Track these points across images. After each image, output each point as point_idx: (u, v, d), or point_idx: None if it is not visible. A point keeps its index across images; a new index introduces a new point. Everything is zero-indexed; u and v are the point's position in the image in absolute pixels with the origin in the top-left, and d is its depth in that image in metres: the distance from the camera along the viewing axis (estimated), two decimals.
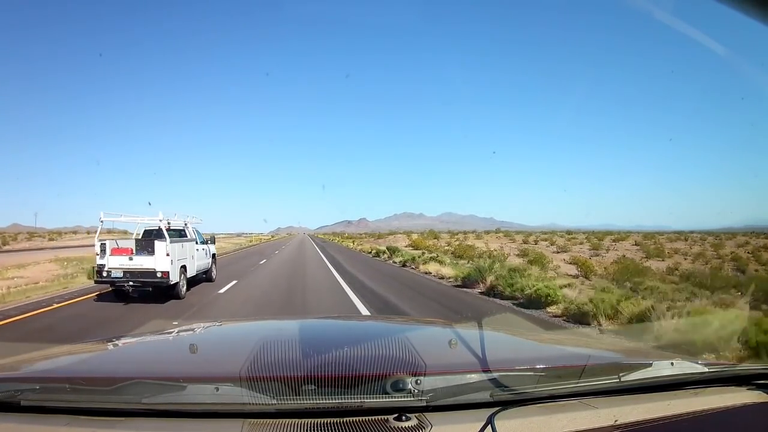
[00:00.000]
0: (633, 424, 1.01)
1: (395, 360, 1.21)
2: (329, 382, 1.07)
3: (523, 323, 4.75)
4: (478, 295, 11.33)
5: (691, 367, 1.23)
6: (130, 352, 1.61)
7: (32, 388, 1.06)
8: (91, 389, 1.06)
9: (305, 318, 3.72)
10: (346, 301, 9.99)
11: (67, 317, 8.34)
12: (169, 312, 8.69)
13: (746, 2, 0.96)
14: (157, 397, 1.00)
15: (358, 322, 2.60)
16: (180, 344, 1.72)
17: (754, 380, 1.25)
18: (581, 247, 42.85)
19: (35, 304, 9.74)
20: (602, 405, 1.07)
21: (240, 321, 3.32)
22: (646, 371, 1.19)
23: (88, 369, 1.35)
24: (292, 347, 1.44)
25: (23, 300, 10.31)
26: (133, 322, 7.21)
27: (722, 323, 5.36)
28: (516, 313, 8.35)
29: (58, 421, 0.98)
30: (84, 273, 14.57)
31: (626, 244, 46.38)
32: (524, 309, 8.92)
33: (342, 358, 1.24)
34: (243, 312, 8.72)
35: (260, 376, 1.04)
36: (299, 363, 1.24)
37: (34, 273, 17.21)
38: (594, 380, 1.13)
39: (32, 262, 21.43)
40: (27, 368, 1.37)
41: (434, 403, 1.01)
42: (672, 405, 1.10)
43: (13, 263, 20.39)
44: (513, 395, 1.06)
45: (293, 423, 0.97)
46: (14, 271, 17.96)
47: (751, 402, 1.16)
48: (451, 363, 1.29)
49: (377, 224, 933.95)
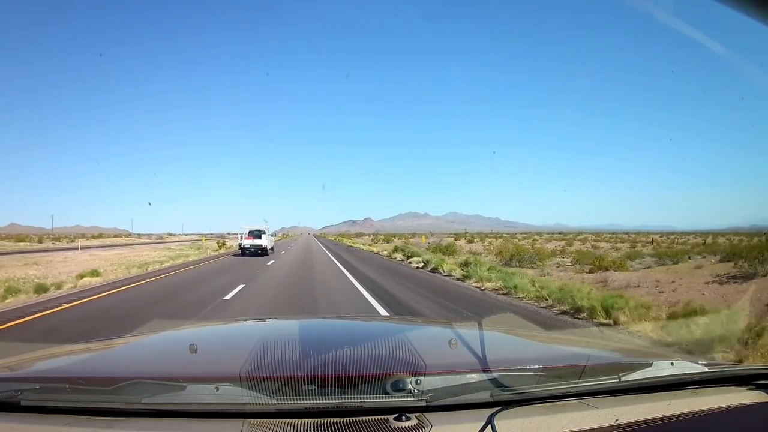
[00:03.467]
0: (633, 424, 1.01)
1: (395, 360, 1.21)
2: (329, 382, 1.07)
3: (523, 323, 4.75)
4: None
5: (692, 367, 1.23)
6: (130, 352, 1.61)
7: (32, 388, 1.06)
8: (91, 389, 1.06)
9: (305, 318, 3.72)
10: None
11: (227, 260, 23.58)
12: (264, 259, 22.45)
13: (746, 2, 0.96)
14: (157, 397, 1.00)
15: (358, 322, 2.60)
16: (180, 344, 1.73)
17: (754, 380, 1.25)
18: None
19: (212, 258, 25.60)
20: (602, 405, 1.07)
21: (240, 321, 3.32)
22: (646, 371, 1.19)
23: (88, 369, 1.35)
24: (292, 347, 1.44)
25: (201, 257, 26.05)
26: (249, 262, 20.55)
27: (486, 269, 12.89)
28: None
29: (58, 421, 0.98)
30: (203, 252, 31.59)
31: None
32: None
33: (342, 358, 1.24)
34: (289, 261, 18.40)
35: (260, 376, 1.04)
36: (299, 363, 1.24)
37: (177, 252, 29.90)
38: (594, 380, 1.13)
39: (163, 248, 37.24)
40: (27, 368, 1.37)
41: (434, 403, 1.01)
42: (672, 405, 1.10)
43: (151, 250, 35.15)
44: (513, 395, 1.06)
45: (293, 423, 0.97)
46: (168, 251, 32.06)
47: (751, 402, 1.16)
48: (451, 363, 1.29)
49: (382, 224, 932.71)
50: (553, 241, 38.86)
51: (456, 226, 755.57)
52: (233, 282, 12.39)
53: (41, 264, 19.86)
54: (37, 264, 19.86)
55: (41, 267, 18.21)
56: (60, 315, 7.96)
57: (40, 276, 13.98)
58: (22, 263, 20.34)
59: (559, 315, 7.86)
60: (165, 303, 9.42)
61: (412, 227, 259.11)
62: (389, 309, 8.28)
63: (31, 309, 8.39)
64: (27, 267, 18.15)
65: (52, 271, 16.29)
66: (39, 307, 8.62)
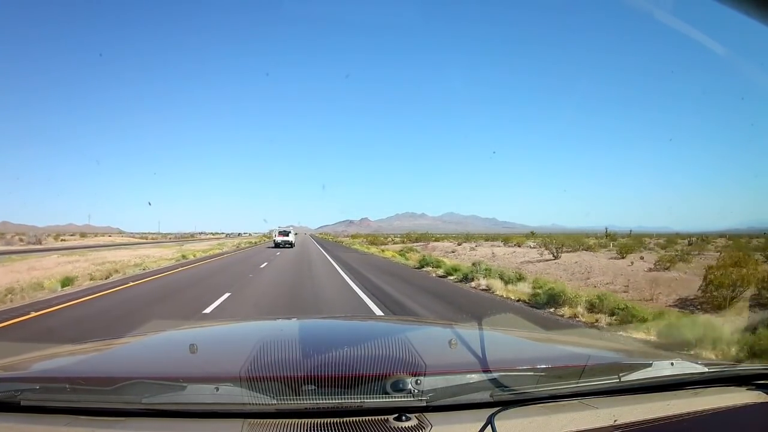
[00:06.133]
0: (633, 424, 1.01)
1: (395, 360, 1.21)
2: (329, 382, 1.07)
3: (523, 323, 4.74)
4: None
5: (691, 367, 1.23)
6: (130, 352, 1.61)
7: (32, 388, 1.06)
8: (91, 389, 1.06)
9: (305, 318, 3.72)
10: None
11: (262, 248, 40.01)
12: (289, 250, 33.41)
13: (746, 2, 0.96)
14: (157, 397, 1.00)
15: (358, 322, 2.60)
16: (180, 344, 1.72)
17: (754, 380, 1.25)
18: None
19: (248, 248, 42.18)
20: (602, 405, 1.07)
21: (240, 321, 3.32)
22: (646, 371, 1.19)
23: (88, 369, 1.35)
24: (292, 347, 1.44)
25: (240, 247, 42.38)
26: (278, 251, 30.87)
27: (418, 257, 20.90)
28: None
29: (58, 421, 0.98)
30: (233, 246, 44.75)
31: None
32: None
33: (342, 358, 1.24)
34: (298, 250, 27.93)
35: (260, 376, 1.04)
36: (299, 363, 1.24)
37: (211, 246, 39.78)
38: (594, 380, 1.13)
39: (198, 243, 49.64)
40: (27, 368, 1.37)
41: (434, 403, 1.01)
42: (672, 405, 1.10)
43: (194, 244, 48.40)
44: (513, 395, 1.06)
45: (293, 423, 0.97)
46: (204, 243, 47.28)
47: (751, 402, 1.16)
48: (451, 363, 1.29)
49: (379, 224, 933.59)
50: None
51: (453, 227, 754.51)
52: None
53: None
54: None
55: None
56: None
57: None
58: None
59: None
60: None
61: (409, 227, 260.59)
62: None
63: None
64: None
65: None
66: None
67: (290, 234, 40.47)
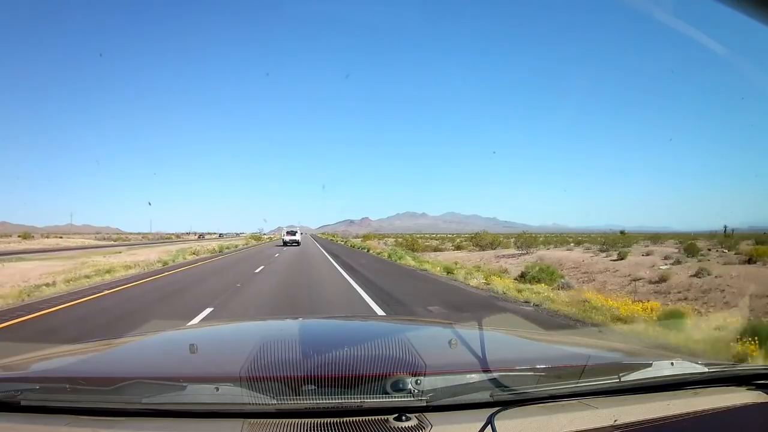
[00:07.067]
0: (633, 424, 1.01)
1: (395, 360, 1.21)
2: (329, 382, 1.07)
3: (523, 323, 4.75)
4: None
5: (691, 367, 1.23)
6: (130, 352, 1.61)
7: (32, 388, 1.06)
8: (91, 389, 1.06)
9: (305, 318, 3.72)
10: None
11: (271, 244, 52.15)
12: (294, 248, 36.86)
13: (746, 2, 0.96)
14: (157, 397, 1.00)
15: (358, 322, 2.60)
16: (180, 344, 1.73)
17: (754, 380, 1.25)
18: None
19: (263, 245, 52.46)
20: (602, 405, 1.07)
21: (240, 321, 3.32)
22: (646, 371, 1.19)
23: (88, 369, 1.35)
24: (292, 347, 1.44)
25: (253, 245, 50.82)
26: (284, 249, 34.62)
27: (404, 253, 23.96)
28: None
29: (58, 421, 0.98)
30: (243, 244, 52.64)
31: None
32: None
33: (342, 358, 1.24)
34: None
35: (260, 376, 1.04)
36: (299, 363, 1.24)
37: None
38: (594, 380, 1.13)
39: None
40: (27, 368, 1.37)
41: (434, 403, 1.01)
42: (672, 405, 1.10)
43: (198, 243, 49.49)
44: (513, 395, 1.06)
45: (293, 423, 0.97)
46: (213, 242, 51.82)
47: (751, 402, 1.16)
48: (451, 363, 1.29)
49: (380, 223, 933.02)
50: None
51: (454, 226, 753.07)
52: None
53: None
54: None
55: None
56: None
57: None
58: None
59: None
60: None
61: (410, 227, 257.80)
62: None
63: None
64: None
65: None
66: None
67: (297, 234, 44.58)
